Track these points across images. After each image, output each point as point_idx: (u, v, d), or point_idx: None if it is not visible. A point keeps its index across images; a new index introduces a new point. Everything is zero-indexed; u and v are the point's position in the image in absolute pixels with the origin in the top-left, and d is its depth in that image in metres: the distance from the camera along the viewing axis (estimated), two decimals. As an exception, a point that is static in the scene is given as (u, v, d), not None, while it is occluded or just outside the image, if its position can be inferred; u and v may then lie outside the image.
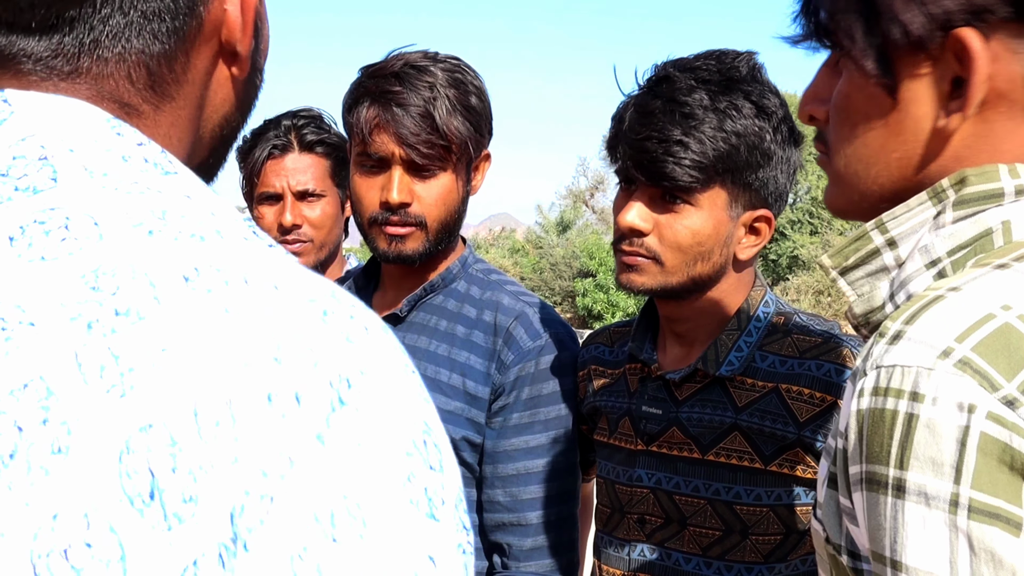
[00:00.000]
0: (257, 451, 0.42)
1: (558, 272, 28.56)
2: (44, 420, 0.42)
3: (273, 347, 0.44)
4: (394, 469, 0.44)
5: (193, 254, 0.47)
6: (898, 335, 0.63)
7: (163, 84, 0.57)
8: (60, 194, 0.49)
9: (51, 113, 0.53)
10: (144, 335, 0.43)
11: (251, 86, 0.65)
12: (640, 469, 1.32)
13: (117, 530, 0.40)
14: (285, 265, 0.49)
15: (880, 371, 0.62)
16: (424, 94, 1.32)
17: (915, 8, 0.68)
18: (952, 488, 0.57)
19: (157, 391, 0.42)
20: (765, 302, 1.32)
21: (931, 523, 0.58)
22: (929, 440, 0.58)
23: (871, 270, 0.75)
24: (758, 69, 1.25)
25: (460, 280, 1.46)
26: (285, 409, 0.43)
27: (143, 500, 0.41)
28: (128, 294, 0.44)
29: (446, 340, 1.40)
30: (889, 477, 0.60)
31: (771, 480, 1.24)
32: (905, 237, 0.72)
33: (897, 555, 0.60)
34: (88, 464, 0.41)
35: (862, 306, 0.75)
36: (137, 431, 0.41)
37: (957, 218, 0.69)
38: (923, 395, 0.59)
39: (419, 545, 0.44)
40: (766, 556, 1.25)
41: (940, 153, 0.72)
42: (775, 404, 1.24)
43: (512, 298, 1.42)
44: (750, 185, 1.22)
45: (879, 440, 0.61)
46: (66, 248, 0.46)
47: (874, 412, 0.61)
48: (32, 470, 0.41)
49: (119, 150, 0.52)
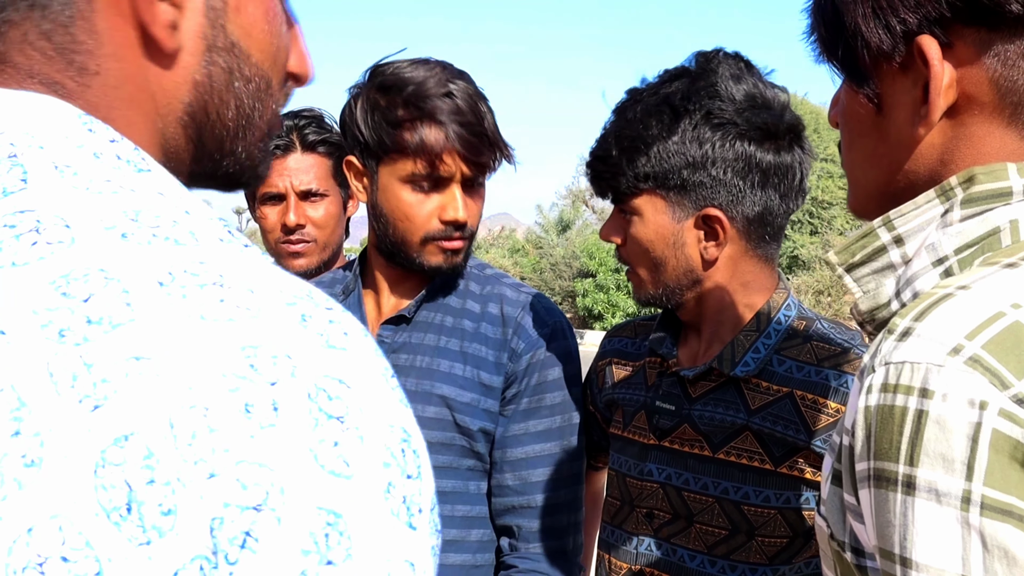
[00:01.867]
0: (235, 463, 0.41)
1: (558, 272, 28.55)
2: (16, 432, 0.40)
3: (250, 355, 0.43)
4: (375, 481, 0.44)
5: (167, 258, 0.46)
6: (907, 332, 0.63)
7: (72, 54, 0.53)
8: (31, 196, 0.47)
9: (19, 108, 0.51)
10: (117, 344, 0.42)
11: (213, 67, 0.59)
12: (651, 463, 1.33)
13: (93, 544, 0.40)
14: (261, 267, 0.48)
15: (889, 367, 0.62)
16: (479, 112, 1.37)
17: (875, 22, 0.71)
18: (964, 485, 0.57)
19: (132, 402, 0.41)
20: (787, 305, 1.32)
21: (942, 520, 0.58)
22: (940, 436, 0.58)
23: (877, 267, 0.75)
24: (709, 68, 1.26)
25: (460, 277, 1.50)
26: (263, 420, 0.42)
27: (120, 514, 0.40)
28: (101, 301, 0.43)
29: (456, 335, 1.43)
30: (898, 474, 0.60)
31: (780, 482, 1.24)
32: (912, 235, 0.73)
33: (907, 552, 0.60)
34: (63, 477, 0.40)
35: (867, 303, 0.75)
36: (112, 443, 0.40)
37: (965, 216, 0.70)
38: (933, 391, 0.59)
39: (400, 554, 0.44)
40: (771, 558, 1.25)
41: (925, 157, 0.73)
42: (788, 410, 1.24)
43: (514, 290, 1.48)
44: (683, 187, 1.25)
45: (888, 437, 0.61)
46: (37, 252, 0.45)
47: (883, 409, 0.61)
48: (5, 483, 0.40)
49: (91, 147, 0.51)
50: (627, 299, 25.90)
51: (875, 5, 0.71)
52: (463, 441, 1.39)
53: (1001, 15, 0.67)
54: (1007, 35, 0.68)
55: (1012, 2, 0.66)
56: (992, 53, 0.69)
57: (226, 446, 0.41)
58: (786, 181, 1.27)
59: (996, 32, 0.68)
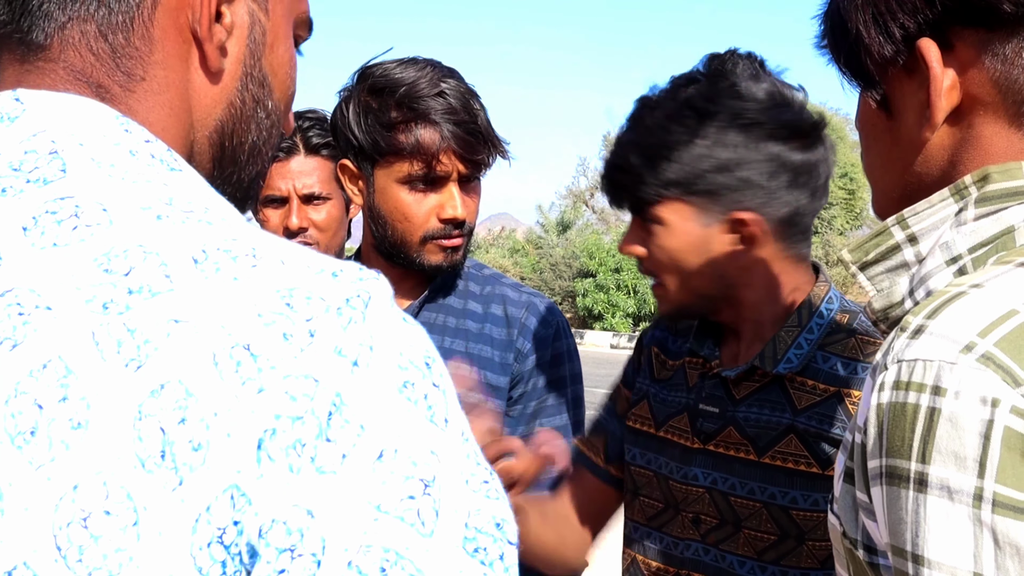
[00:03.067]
0: (281, 379, 0.43)
1: (558, 272, 28.60)
2: (63, 398, 0.43)
3: (284, 296, 0.46)
4: (390, 375, 0.46)
5: (201, 236, 0.48)
6: (920, 330, 0.63)
7: (126, 59, 0.56)
8: (70, 184, 0.50)
9: (62, 110, 0.54)
10: (158, 309, 0.45)
11: (246, 93, 0.62)
12: (696, 468, 1.29)
13: (133, 495, 0.42)
14: (290, 244, 0.51)
15: (901, 365, 0.62)
16: (472, 110, 1.37)
17: (875, 28, 0.72)
18: (976, 482, 0.57)
19: (170, 355, 0.43)
20: (829, 298, 1.27)
21: (954, 517, 0.58)
22: (952, 434, 0.58)
23: (891, 265, 0.75)
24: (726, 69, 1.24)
25: (458, 278, 1.50)
26: (302, 343, 0.45)
27: (155, 461, 0.42)
28: (141, 273, 0.46)
29: (460, 336, 1.43)
30: (910, 471, 0.60)
31: (829, 485, 1.19)
32: (926, 233, 0.73)
33: (919, 549, 0.59)
34: (106, 435, 0.42)
35: (881, 301, 0.75)
36: (148, 395, 0.43)
37: (979, 215, 0.69)
38: (945, 389, 0.59)
39: (417, 440, 0.45)
40: (823, 562, 1.21)
41: (935, 159, 0.74)
42: (836, 409, 1.20)
43: (515, 291, 1.49)
44: (712, 192, 1.20)
45: (900, 434, 0.61)
46: (78, 235, 0.47)
47: (895, 406, 0.61)
48: (53, 445, 0.42)
49: (127, 145, 0.54)
50: (627, 299, 25.96)
51: (875, 11, 0.72)
52: None
53: (996, 15, 0.67)
54: (1005, 35, 0.68)
55: (1005, 2, 0.67)
56: (991, 53, 0.69)
57: (272, 364, 0.44)
58: (813, 179, 1.24)
59: (994, 32, 0.68)
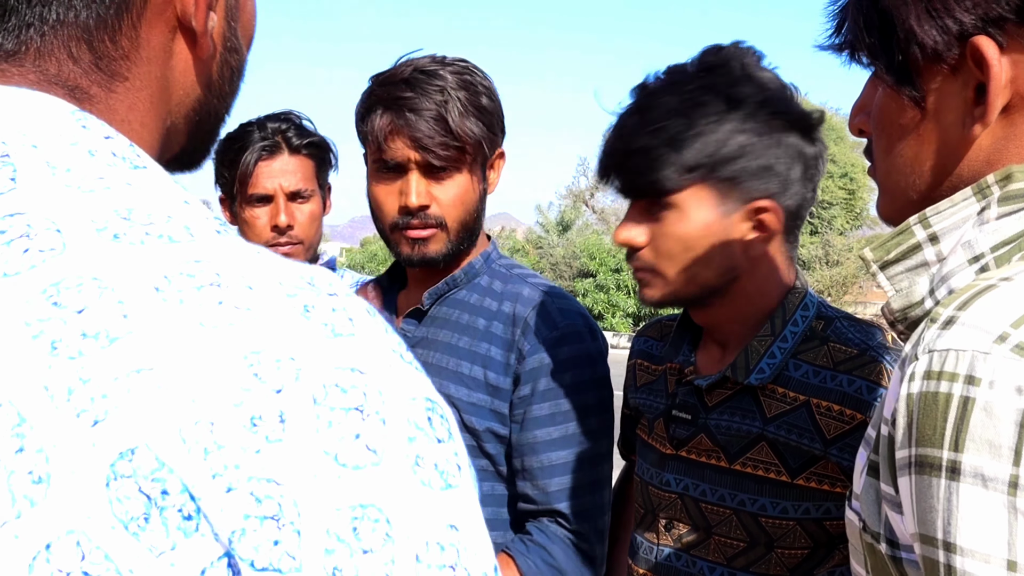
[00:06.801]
0: (247, 479, 0.41)
1: (558, 272, 28.61)
2: (20, 448, 0.40)
3: (253, 363, 0.42)
4: (402, 459, 0.44)
5: (162, 259, 0.45)
6: (951, 320, 0.63)
7: (109, 61, 0.54)
8: (21, 197, 0.46)
9: (12, 106, 0.50)
10: (117, 359, 0.42)
11: (224, 67, 0.61)
12: (669, 473, 1.30)
13: (113, 557, 0.40)
14: (259, 259, 0.48)
15: (933, 355, 0.62)
16: (436, 98, 1.36)
17: (929, 23, 0.70)
18: (1012, 470, 0.57)
19: (135, 416, 0.41)
20: (804, 305, 1.26)
21: (988, 504, 0.58)
22: (987, 423, 0.58)
23: (911, 265, 0.74)
24: (735, 58, 1.22)
25: (483, 275, 1.47)
26: (270, 433, 0.41)
27: (138, 524, 0.40)
28: (96, 313, 0.42)
29: (467, 333, 1.41)
30: (943, 459, 0.60)
31: (798, 494, 1.20)
32: (948, 232, 0.72)
33: (951, 536, 0.59)
34: (74, 492, 0.40)
35: (900, 301, 0.74)
36: (118, 457, 0.40)
37: (1002, 214, 0.69)
38: (979, 379, 0.59)
39: (440, 520, 0.44)
40: (792, 569, 1.22)
41: (971, 159, 0.73)
42: (803, 419, 1.20)
43: (532, 289, 1.43)
44: (735, 178, 1.18)
45: (931, 423, 0.61)
46: (28, 261, 0.44)
47: (926, 396, 0.61)
48: (17, 501, 0.40)
49: (85, 144, 0.50)
50: (627, 299, 25.94)
51: (928, 6, 0.70)
52: (470, 441, 1.37)
53: None
54: None
55: None
56: None
57: (236, 462, 0.41)
58: (817, 173, 1.24)
59: None
